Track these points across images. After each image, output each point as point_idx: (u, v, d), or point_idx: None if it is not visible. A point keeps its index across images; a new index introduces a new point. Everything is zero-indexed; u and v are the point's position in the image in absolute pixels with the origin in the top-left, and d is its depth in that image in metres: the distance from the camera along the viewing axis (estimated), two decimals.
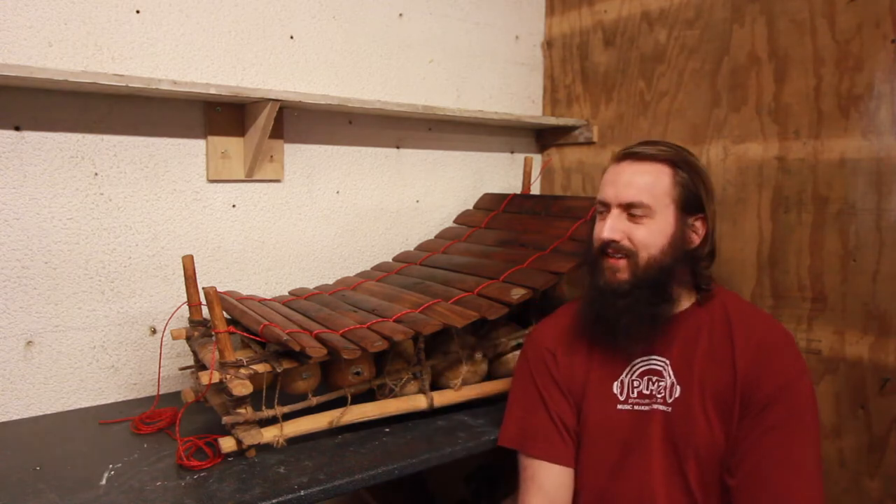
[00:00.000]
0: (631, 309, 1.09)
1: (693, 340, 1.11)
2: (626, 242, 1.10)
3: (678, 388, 1.09)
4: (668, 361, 1.12)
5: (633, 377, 1.14)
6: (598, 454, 1.14)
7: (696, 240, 1.14)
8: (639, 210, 1.10)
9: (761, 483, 0.99)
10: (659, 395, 1.10)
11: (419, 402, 1.28)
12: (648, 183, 1.11)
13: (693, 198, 1.12)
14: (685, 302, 1.15)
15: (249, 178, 1.54)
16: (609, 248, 1.11)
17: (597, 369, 1.17)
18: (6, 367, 1.28)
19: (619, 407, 1.13)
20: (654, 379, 1.12)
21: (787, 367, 1.04)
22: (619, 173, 1.13)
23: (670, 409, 1.09)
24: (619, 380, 1.15)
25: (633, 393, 1.13)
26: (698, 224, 1.14)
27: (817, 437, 1.02)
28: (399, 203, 1.83)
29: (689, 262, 1.13)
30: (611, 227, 1.11)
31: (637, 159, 1.13)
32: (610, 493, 1.12)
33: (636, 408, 1.12)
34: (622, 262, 1.11)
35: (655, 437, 1.09)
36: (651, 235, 1.10)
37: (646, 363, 1.13)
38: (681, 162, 1.13)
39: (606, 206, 1.14)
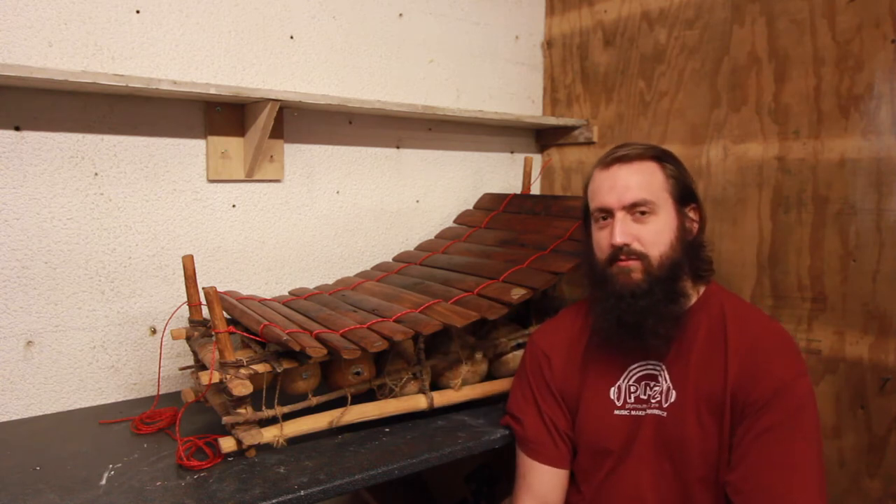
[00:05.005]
0: (653, 309, 1.07)
1: (689, 343, 1.10)
2: (636, 245, 1.08)
3: (674, 392, 1.09)
4: (663, 365, 1.11)
5: (630, 382, 1.13)
6: (594, 459, 1.15)
7: (695, 228, 1.15)
8: (644, 207, 1.09)
9: (760, 488, 0.98)
10: (654, 400, 1.10)
11: (419, 402, 1.28)
12: (646, 180, 1.11)
13: (685, 188, 1.13)
14: (689, 300, 1.14)
15: (249, 178, 1.54)
16: (622, 253, 1.09)
17: (593, 375, 1.17)
18: (6, 367, 1.28)
19: (616, 412, 1.13)
20: (651, 384, 1.11)
21: (781, 370, 1.02)
22: (615, 177, 1.12)
23: (665, 413, 1.09)
24: (616, 385, 1.14)
25: (630, 398, 1.13)
26: (693, 213, 1.15)
27: (817, 438, 1.01)
28: (399, 203, 1.83)
29: (692, 253, 1.13)
30: (621, 232, 1.08)
31: (625, 161, 1.12)
32: (602, 497, 1.13)
33: (633, 413, 1.12)
34: (635, 263, 1.08)
35: (647, 441, 1.09)
36: (659, 233, 1.09)
37: (642, 368, 1.13)
38: (664, 156, 1.14)
39: (608, 212, 1.12)
